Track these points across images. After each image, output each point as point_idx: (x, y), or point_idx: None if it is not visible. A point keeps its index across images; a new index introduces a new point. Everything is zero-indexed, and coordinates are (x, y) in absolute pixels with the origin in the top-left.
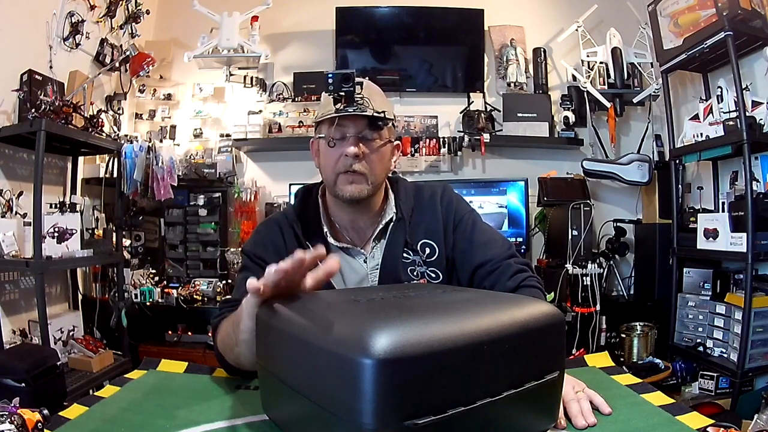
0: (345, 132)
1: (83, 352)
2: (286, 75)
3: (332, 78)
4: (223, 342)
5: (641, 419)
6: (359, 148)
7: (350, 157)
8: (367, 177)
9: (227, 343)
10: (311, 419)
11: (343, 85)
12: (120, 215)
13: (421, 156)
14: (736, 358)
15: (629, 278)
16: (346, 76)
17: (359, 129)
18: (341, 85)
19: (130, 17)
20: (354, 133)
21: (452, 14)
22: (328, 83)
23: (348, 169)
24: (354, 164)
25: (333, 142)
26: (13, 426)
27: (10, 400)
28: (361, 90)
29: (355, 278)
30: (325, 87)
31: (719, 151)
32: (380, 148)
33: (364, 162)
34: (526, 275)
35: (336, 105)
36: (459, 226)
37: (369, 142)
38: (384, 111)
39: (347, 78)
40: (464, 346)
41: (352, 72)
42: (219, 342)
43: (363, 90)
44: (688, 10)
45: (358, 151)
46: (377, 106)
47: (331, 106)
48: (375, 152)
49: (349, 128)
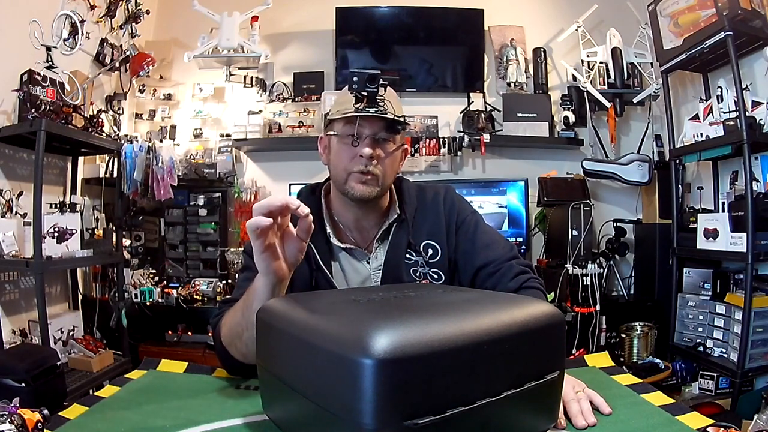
0: (362, 132)
1: (83, 352)
2: (286, 75)
3: (358, 77)
4: (230, 332)
5: (641, 419)
6: (375, 150)
7: (365, 158)
8: (378, 179)
9: (235, 331)
10: (311, 419)
11: (368, 84)
12: (120, 215)
13: (421, 156)
14: (736, 358)
15: (629, 278)
16: (373, 76)
17: (376, 131)
18: (366, 85)
19: (130, 17)
20: (371, 135)
21: (452, 14)
22: (352, 81)
23: (362, 169)
24: (368, 165)
25: (354, 141)
26: (13, 426)
27: (10, 400)
28: (384, 92)
29: (357, 279)
30: (348, 85)
31: (719, 151)
32: (394, 152)
33: (378, 164)
34: (527, 276)
35: (356, 104)
36: (461, 227)
37: (384, 145)
38: (403, 116)
39: (373, 78)
40: (464, 346)
41: (378, 73)
42: (224, 335)
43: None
44: (688, 10)
45: (374, 153)
46: (395, 110)
47: (349, 104)
48: (389, 156)
49: (367, 129)
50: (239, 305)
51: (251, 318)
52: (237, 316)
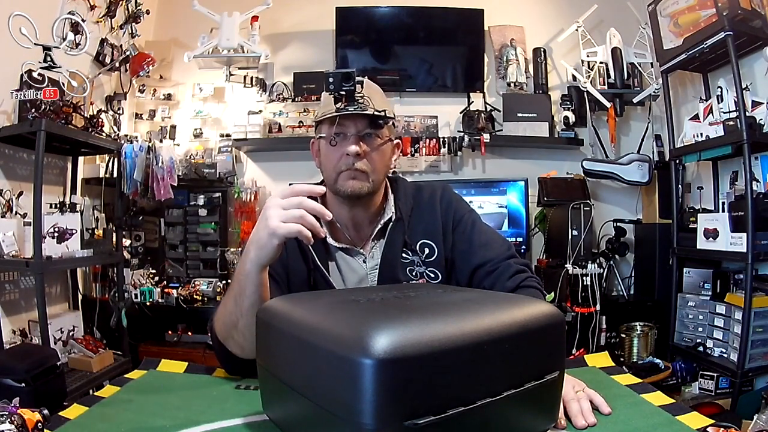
0: (346, 131)
1: (83, 352)
2: (286, 75)
3: (332, 77)
4: (224, 325)
5: (641, 419)
6: (360, 146)
7: (351, 156)
8: (368, 174)
9: (230, 322)
10: (311, 419)
11: (343, 84)
12: (120, 215)
13: (421, 156)
14: (736, 358)
15: (629, 278)
16: (347, 75)
17: (360, 128)
18: (342, 84)
19: (130, 17)
20: (355, 132)
21: (452, 14)
22: (328, 82)
23: (349, 167)
24: (355, 163)
25: (334, 141)
26: (13, 426)
27: (10, 400)
28: (362, 89)
29: (354, 278)
30: (325, 86)
31: (719, 151)
32: (381, 147)
33: (365, 160)
34: (525, 275)
35: (336, 104)
36: (458, 226)
37: (370, 141)
38: (384, 110)
39: (348, 77)
40: (464, 346)
41: (352, 71)
42: (219, 330)
43: (363, 89)
44: (688, 10)
45: (360, 149)
46: (377, 104)
47: (331, 105)
48: (376, 150)
49: (350, 127)
50: (229, 294)
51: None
52: (229, 306)
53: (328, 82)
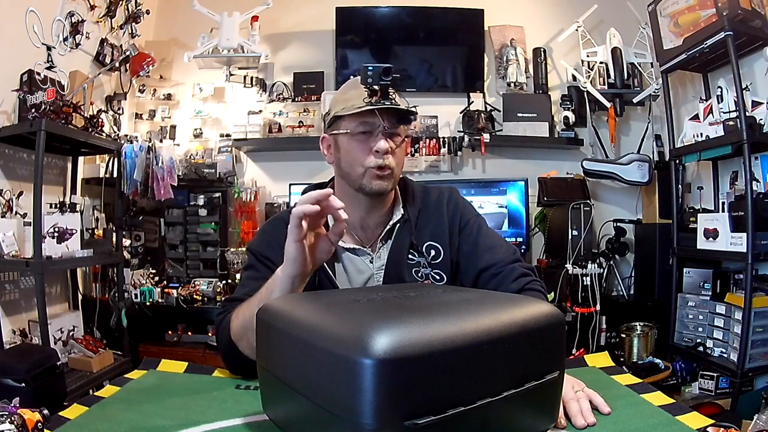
0: (373, 127)
1: (83, 352)
2: (286, 75)
3: (372, 70)
4: (243, 325)
5: (641, 419)
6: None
7: (381, 153)
8: (393, 172)
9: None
10: (311, 419)
11: (382, 77)
12: (120, 215)
13: (421, 156)
14: (736, 358)
15: (629, 278)
16: (387, 69)
17: (393, 123)
18: (381, 78)
19: (130, 17)
20: (386, 128)
21: (452, 14)
22: (367, 75)
23: (379, 164)
24: (386, 159)
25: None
26: (13, 426)
27: (10, 400)
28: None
29: (360, 278)
30: (362, 78)
31: (719, 151)
32: (402, 144)
33: (392, 157)
34: (529, 279)
35: (371, 98)
36: (464, 229)
37: (394, 138)
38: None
39: (387, 71)
40: (464, 346)
41: (391, 66)
42: (235, 327)
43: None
44: (688, 10)
45: (388, 146)
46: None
47: (356, 100)
48: (399, 148)
49: (384, 122)
50: (257, 297)
51: None
52: (253, 307)
53: (366, 75)
